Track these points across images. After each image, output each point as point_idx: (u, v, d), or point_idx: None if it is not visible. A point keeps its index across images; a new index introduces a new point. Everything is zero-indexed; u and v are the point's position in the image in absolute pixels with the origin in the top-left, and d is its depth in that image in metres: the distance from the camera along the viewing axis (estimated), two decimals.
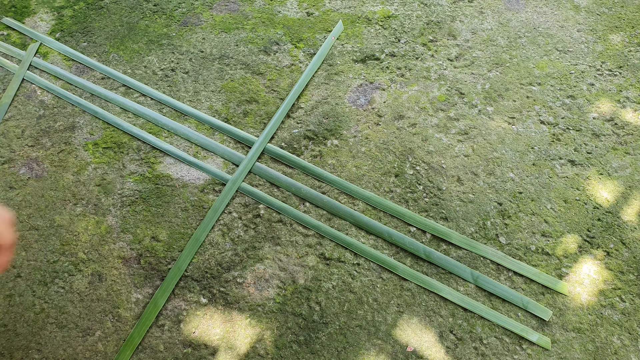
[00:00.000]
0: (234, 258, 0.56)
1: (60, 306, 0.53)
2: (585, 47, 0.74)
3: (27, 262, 0.55)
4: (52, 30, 0.75)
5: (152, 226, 0.58)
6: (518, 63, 0.72)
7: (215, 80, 0.70)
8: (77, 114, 0.66)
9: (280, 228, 0.58)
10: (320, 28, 0.76)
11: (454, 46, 0.74)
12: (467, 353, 0.51)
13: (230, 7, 0.79)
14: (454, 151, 0.64)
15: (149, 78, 0.70)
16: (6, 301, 0.53)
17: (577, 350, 0.51)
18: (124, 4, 0.78)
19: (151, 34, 0.75)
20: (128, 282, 0.54)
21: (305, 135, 0.65)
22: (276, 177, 0.61)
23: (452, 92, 0.69)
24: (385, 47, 0.74)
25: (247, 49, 0.73)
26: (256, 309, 0.53)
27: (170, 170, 0.61)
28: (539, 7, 0.79)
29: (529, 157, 0.63)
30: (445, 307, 0.53)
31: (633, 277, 0.55)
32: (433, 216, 0.59)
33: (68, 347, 0.51)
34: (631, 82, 0.70)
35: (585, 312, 0.53)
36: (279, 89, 0.69)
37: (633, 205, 0.59)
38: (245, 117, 0.66)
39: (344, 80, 0.70)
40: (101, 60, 0.71)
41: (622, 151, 0.64)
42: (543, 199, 0.60)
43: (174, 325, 0.52)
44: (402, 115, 0.67)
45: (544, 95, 0.69)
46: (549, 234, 0.57)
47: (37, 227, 0.57)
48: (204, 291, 0.54)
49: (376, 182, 0.61)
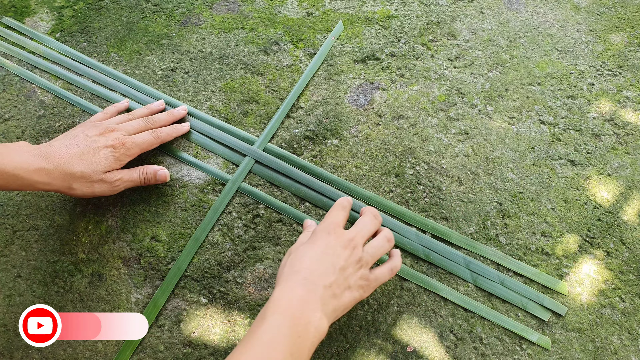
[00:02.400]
0: (234, 258, 0.56)
1: (60, 306, 0.53)
2: (585, 47, 0.74)
3: (27, 262, 0.55)
4: (52, 30, 0.75)
5: (152, 226, 0.58)
6: (518, 63, 0.72)
7: (215, 80, 0.70)
8: (77, 114, 0.66)
9: (280, 228, 0.58)
10: (320, 28, 0.76)
11: (454, 46, 0.74)
12: (467, 353, 0.51)
13: (230, 7, 0.79)
14: (454, 151, 0.64)
15: (149, 78, 0.70)
16: (6, 301, 0.53)
17: (577, 350, 0.51)
18: (124, 4, 0.78)
19: (151, 34, 0.75)
20: (128, 282, 0.54)
21: (305, 135, 0.65)
22: (276, 177, 0.61)
23: (452, 92, 0.69)
24: (385, 47, 0.74)
25: (247, 49, 0.73)
26: (256, 308, 0.53)
27: (170, 170, 0.61)
28: (539, 7, 0.79)
29: (529, 157, 0.63)
30: (445, 307, 0.53)
31: (633, 277, 0.55)
32: (433, 216, 0.59)
33: (68, 347, 0.51)
34: (631, 82, 0.70)
35: (585, 312, 0.53)
36: (279, 89, 0.69)
37: (633, 205, 0.59)
38: (245, 117, 0.66)
39: (344, 80, 0.70)
40: (101, 60, 0.71)
41: (622, 151, 0.64)
42: (543, 199, 0.60)
43: (174, 325, 0.52)
44: (402, 115, 0.67)
45: (544, 95, 0.69)
46: (549, 234, 0.57)
47: (37, 227, 0.57)
48: (204, 291, 0.54)
49: (376, 182, 0.61)
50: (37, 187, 0.49)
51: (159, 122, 0.60)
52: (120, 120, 0.58)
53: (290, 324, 0.39)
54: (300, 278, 0.42)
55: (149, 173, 0.56)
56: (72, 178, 0.49)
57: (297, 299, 0.41)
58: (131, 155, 0.54)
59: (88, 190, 0.51)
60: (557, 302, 0.53)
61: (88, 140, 0.52)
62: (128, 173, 0.54)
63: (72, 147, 0.50)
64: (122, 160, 0.53)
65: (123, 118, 0.58)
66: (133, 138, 0.55)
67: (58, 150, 0.50)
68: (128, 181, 0.54)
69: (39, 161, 0.48)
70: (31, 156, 0.48)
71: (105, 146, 0.52)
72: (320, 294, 0.41)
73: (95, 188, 0.51)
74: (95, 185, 0.51)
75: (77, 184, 0.50)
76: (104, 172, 0.51)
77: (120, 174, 0.53)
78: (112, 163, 0.52)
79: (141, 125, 0.58)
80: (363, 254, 0.46)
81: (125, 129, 0.55)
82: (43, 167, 0.48)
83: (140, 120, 0.58)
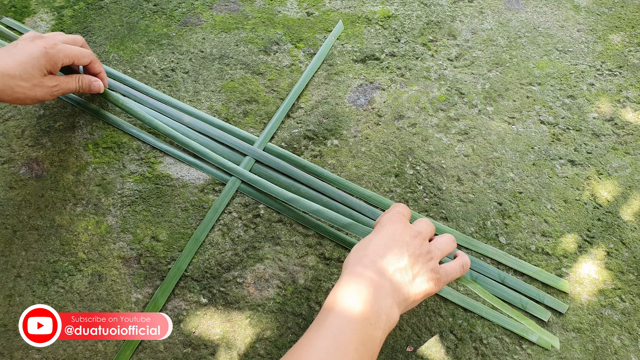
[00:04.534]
0: (234, 258, 0.56)
1: (60, 306, 0.53)
2: (585, 47, 0.74)
3: (27, 262, 0.55)
4: (52, 30, 0.75)
5: (152, 226, 0.58)
6: (518, 63, 0.72)
7: (215, 80, 0.70)
8: (77, 114, 0.66)
9: (280, 228, 0.58)
10: (320, 28, 0.76)
11: (454, 46, 0.74)
12: (467, 353, 0.51)
13: (230, 7, 0.79)
14: (454, 151, 0.64)
15: (149, 78, 0.70)
16: (6, 301, 0.53)
17: (577, 350, 0.51)
18: (124, 4, 0.78)
19: (151, 34, 0.75)
20: (128, 282, 0.54)
21: (305, 135, 0.65)
22: (276, 177, 0.61)
23: (452, 92, 0.69)
24: (385, 47, 0.74)
25: (247, 49, 0.73)
26: (256, 308, 0.53)
27: (170, 170, 0.61)
28: (539, 7, 0.79)
29: (529, 157, 0.63)
30: (445, 307, 0.53)
31: (633, 277, 0.55)
32: (433, 216, 0.59)
33: (68, 347, 0.51)
34: (631, 82, 0.70)
35: (585, 312, 0.53)
36: (279, 89, 0.69)
37: (633, 205, 0.59)
38: (245, 117, 0.66)
39: (344, 80, 0.70)
40: (101, 60, 0.71)
41: (622, 151, 0.64)
42: (543, 198, 0.60)
43: (173, 325, 0.52)
44: (402, 115, 0.67)
45: (544, 95, 0.69)
46: (549, 233, 0.57)
47: (37, 227, 0.57)
48: (204, 291, 0.54)
49: (376, 182, 0.61)
50: None
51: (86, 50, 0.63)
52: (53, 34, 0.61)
53: (361, 310, 0.36)
54: (368, 261, 0.39)
55: (84, 82, 0.60)
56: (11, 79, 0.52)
57: (366, 283, 0.38)
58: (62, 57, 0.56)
59: (30, 92, 0.54)
60: (558, 300, 0.53)
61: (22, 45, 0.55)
62: (65, 79, 0.58)
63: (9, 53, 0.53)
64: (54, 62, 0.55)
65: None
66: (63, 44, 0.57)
67: None
68: (65, 88, 0.58)
69: None
70: None
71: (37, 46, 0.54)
72: (391, 278, 0.39)
73: (37, 91, 0.54)
74: (36, 88, 0.54)
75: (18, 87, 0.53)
76: (40, 75, 0.54)
77: (58, 80, 0.57)
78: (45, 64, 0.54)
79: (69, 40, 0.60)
80: (432, 247, 0.43)
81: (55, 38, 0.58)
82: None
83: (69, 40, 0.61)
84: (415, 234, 0.43)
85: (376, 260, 0.40)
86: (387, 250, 0.41)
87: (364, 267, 0.39)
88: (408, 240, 0.42)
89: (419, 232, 0.44)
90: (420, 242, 0.42)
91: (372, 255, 0.40)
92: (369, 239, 0.43)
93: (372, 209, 0.59)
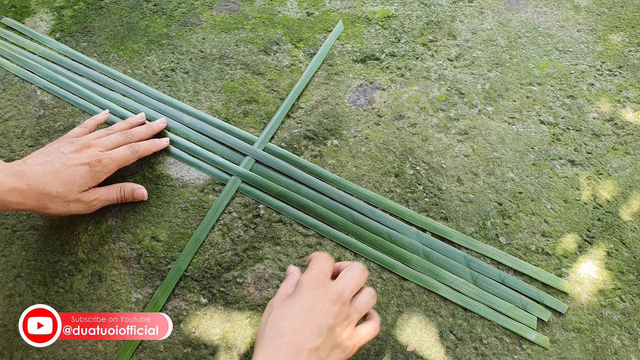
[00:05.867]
0: (234, 258, 0.56)
1: (60, 306, 0.53)
2: (585, 47, 0.74)
3: (27, 262, 0.55)
4: (52, 30, 0.75)
5: (152, 226, 0.58)
6: (518, 63, 0.72)
7: (215, 80, 0.70)
8: (77, 114, 0.66)
9: (280, 228, 0.58)
10: (320, 28, 0.76)
11: (454, 46, 0.74)
12: (467, 353, 0.51)
13: (230, 7, 0.79)
14: (454, 151, 0.64)
15: (149, 78, 0.70)
16: (6, 301, 0.53)
17: (577, 350, 0.51)
18: (124, 4, 0.78)
19: (151, 34, 0.75)
20: (128, 282, 0.54)
21: (305, 135, 0.65)
22: (276, 177, 0.61)
23: (452, 92, 0.69)
24: (385, 47, 0.74)
25: (247, 49, 0.73)
26: (256, 308, 0.53)
27: (170, 170, 0.62)
28: (539, 7, 0.79)
29: (529, 157, 0.63)
30: (445, 307, 0.53)
31: (633, 277, 0.55)
32: (433, 216, 0.59)
33: (68, 347, 0.51)
34: (631, 82, 0.70)
35: (585, 312, 0.53)
36: (279, 89, 0.69)
37: (633, 205, 0.59)
38: (245, 117, 0.66)
39: (344, 80, 0.70)
40: (101, 60, 0.71)
41: (622, 151, 0.64)
42: (543, 199, 0.60)
43: (173, 325, 0.52)
44: (402, 115, 0.67)
45: (544, 95, 0.69)
46: (549, 234, 0.57)
47: (37, 227, 0.57)
48: (204, 291, 0.54)
49: (376, 182, 0.61)
50: (11, 207, 0.46)
51: (137, 135, 0.58)
52: (98, 135, 0.56)
53: None
54: (284, 343, 0.39)
55: (127, 192, 0.56)
56: (47, 198, 0.48)
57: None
58: (108, 172, 0.53)
59: (64, 209, 0.50)
60: (558, 300, 0.53)
61: (63, 157, 0.50)
62: (105, 192, 0.54)
63: (47, 165, 0.48)
64: (99, 177, 0.52)
65: (101, 133, 0.57)
66: (110, 154, 0.53)
67: (32, 169, 0.47)
68: (105, 200, 0.54)
69: (12, 181, 0.46)
70: (4, 175, 0.46)
71: (81, 164, 0.50)
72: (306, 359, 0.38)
73: (71, 207, 0.50)
74: (71, 204, 0.50)
75: (52, 203, 0.48)
76: (80, 191, 0.50)
77: (97, 193, 0.52)
78: (88, 181, 0.50)
79: (119, 139, 0.56)
80: (351, 309, 0.42)
81: (102, 144, 0.54)
82: (17, 187, 0.46)
83: (118, 134, 0.57)
84: (336, 298, 0.42)
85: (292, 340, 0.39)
86: (305, 324, 0.40)
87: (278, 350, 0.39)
88: (327, 309, 0.41)
89: (341, 293, 0.42)
90: (340, 308, 0.41)
91: (288, 335, 0.39)
92: (286, 309, 0.41)
93: (372, 209, 0.59)
